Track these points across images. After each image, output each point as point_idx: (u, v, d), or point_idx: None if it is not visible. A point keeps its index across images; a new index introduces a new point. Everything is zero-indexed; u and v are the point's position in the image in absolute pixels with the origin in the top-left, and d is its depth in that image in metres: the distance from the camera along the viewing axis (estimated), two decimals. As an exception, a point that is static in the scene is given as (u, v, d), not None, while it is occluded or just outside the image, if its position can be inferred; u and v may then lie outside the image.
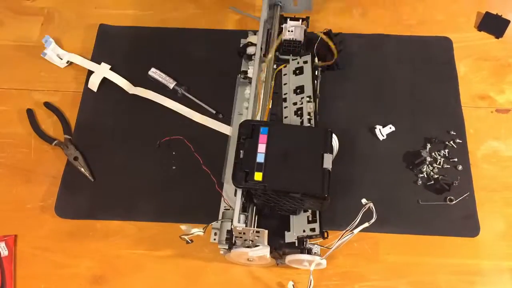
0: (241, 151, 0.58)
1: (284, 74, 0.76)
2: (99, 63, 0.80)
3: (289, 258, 0.61)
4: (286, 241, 0.62)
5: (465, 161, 0.72)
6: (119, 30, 0.85)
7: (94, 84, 0.78)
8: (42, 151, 0.75)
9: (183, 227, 0.59)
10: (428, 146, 0.73)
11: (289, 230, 0.63)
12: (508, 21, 0.84)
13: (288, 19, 0.77)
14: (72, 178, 0.72)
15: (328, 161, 0.57)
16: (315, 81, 0.73)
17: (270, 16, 0.77)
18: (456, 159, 0.72)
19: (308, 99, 0.71)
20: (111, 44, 0.84)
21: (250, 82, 0.71)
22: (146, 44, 0.84)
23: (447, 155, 0.73)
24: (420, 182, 0.71)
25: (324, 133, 0.60)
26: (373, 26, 0.85)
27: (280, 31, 0.75)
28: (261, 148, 0.58)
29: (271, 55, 0.72)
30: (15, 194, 0.72)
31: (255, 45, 0.75)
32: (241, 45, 0.78)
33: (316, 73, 0.74)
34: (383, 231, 0.68)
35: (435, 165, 0.72)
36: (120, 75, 0.79)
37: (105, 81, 0.79)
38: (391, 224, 0.68)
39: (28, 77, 0.81)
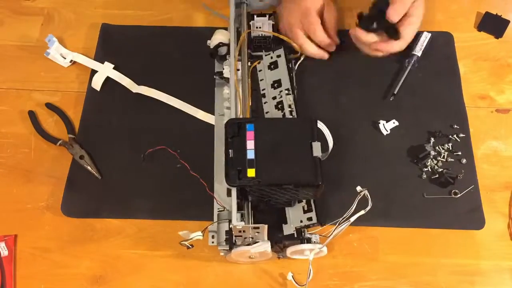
0: (230, 150, 0.59)
1: (260, 70, 0.77)
2: (102, 63, 0.80)
3: (290, 249, 0.62)
4: (285, 233, 0.63)
5: (469, 155, 0.73)
6: (121, 29, 0.85)
7: (97, 83, 0.78)
8: (43, 151, 0.75)
9: (182, 233, 0.59)
10: (432, 140, 0.73)
11: (286, 223, 0.64)
12: (508, 21, 0.84)
13: (255, 16, 0.78)
14: (77, 176, 0.72)
15: (317, 149, 0.58)
16: (291, 74, 0.74)
17: (238, 15, 0.78)
18: (460, 153, 0.73)
19: (286, 91, 0.72)
20: (114, 43, 0.84)
21: (227, 82, 0.72)
22: (150, 43, 0.83)
23: (451, 149, 0.73)
24: (424, 176, 0.71)
25: (309, 122, 0.61)
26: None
27: (249, 28, 0.77)
28: (250, 144, 0.59)
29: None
30: (15, 194, 0.72)
31: (226, 45, 0.76)
32: (209, 46, 0.78)
33: (291, 66, 0.76)
34: (388, 225, 0.69)
35: (439, 158, 0.72)
36: (124, 74, 0.79)
37: (108, 80, 0.79)
38: (397, 218, 0.69)
39: (28, 77, 0.81)
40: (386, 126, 0.74)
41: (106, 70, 0.79)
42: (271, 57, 0.77)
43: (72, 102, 0.79)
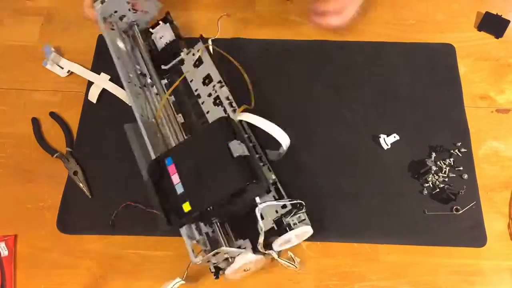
0: (158, 195, 0.56)
1: (187, 72, 0.73)
2: (99, 73, 0.79)
3: (276, 244, 0.58)
4: (265, 229, 0.58)
5: (471, 170, 0.72)
6: None
7: (93, 95, 0.77)
8: (42, 151, 0.75)
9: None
10: (433, 155, 0.72)
11: (262, 218, 0.59)
12: (508, 21, 0.84)
13: (150, 28, 0.75)
14: (72, 193, 0.71)
15: (235, 148, 0.54)
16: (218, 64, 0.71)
17: (131, 35, 0.76)
18: (461, 168, 0.71)
19: (219, 85, 0.69)
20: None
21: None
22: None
23: (452, 164, 0.72)
24: (425, 191, 0.70)
25: (220, 124, 0.57)
26: (372, 26, 0.85)
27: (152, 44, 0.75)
28: (175, 179, 0.56)
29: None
30: (15, 194, 0.72)
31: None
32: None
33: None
34: (388, 243, 0.68)
35: (440, 174, 0.71)
36: (120, 85, 0.77)
37: (105, 91, 0.78)
38: (397, 236, 0.68)
39: (28, 77, 0.81)
40: (387, 141, 0.73)
41: (102, 82, 0.78)
42: (193, 54, 0.73)
43: (72, 102, 0.79)
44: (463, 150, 0.73)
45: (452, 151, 0.73)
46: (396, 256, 0.67)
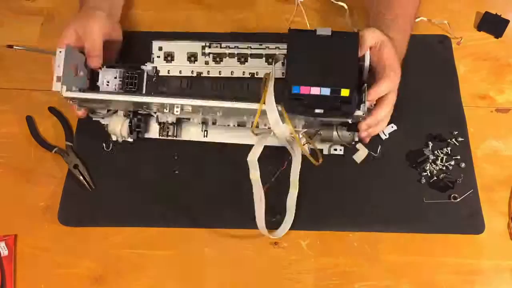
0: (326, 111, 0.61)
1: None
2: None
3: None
4: None
5: (468, 159, 0.72)
6: None
7: None
8: (42, 151, 0.75)
9: None
10: (431, 144, 0.73)
11: None
12: (508, 21, 0.84)
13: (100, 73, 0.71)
14: (73, 186, 0.71)
15: None
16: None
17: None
18: (458, 157, 0.72)
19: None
20: None
21: None
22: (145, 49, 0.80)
23: (449, 152, 0.73)
24: (424, 180, 0.71)
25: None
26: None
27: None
28: (315, 90, 0.60)
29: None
30: (15, 194, 0.72)
31: None
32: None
33: None
34: (388, 231, 0.68)
35: (438, 162, 0.72)
36: None
37: None
38: (397, 224, 0.69)
39: (28, 77, 0.81)
40: (385, 131, 0.74)
41: None
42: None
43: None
44: (460, 139, 0.73)
45: (449, 140, 0.73)
46: (396, 256, 0.67)
